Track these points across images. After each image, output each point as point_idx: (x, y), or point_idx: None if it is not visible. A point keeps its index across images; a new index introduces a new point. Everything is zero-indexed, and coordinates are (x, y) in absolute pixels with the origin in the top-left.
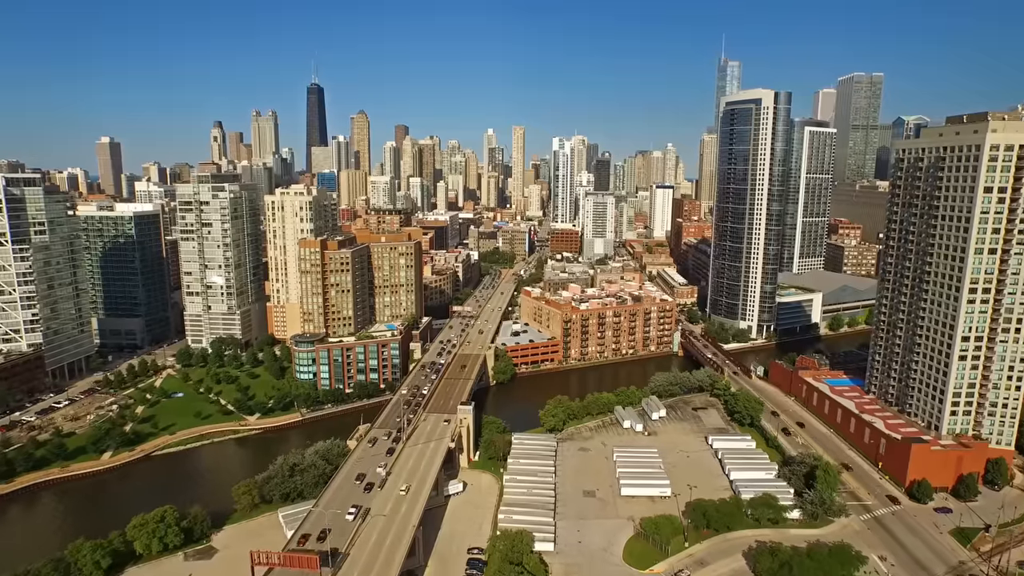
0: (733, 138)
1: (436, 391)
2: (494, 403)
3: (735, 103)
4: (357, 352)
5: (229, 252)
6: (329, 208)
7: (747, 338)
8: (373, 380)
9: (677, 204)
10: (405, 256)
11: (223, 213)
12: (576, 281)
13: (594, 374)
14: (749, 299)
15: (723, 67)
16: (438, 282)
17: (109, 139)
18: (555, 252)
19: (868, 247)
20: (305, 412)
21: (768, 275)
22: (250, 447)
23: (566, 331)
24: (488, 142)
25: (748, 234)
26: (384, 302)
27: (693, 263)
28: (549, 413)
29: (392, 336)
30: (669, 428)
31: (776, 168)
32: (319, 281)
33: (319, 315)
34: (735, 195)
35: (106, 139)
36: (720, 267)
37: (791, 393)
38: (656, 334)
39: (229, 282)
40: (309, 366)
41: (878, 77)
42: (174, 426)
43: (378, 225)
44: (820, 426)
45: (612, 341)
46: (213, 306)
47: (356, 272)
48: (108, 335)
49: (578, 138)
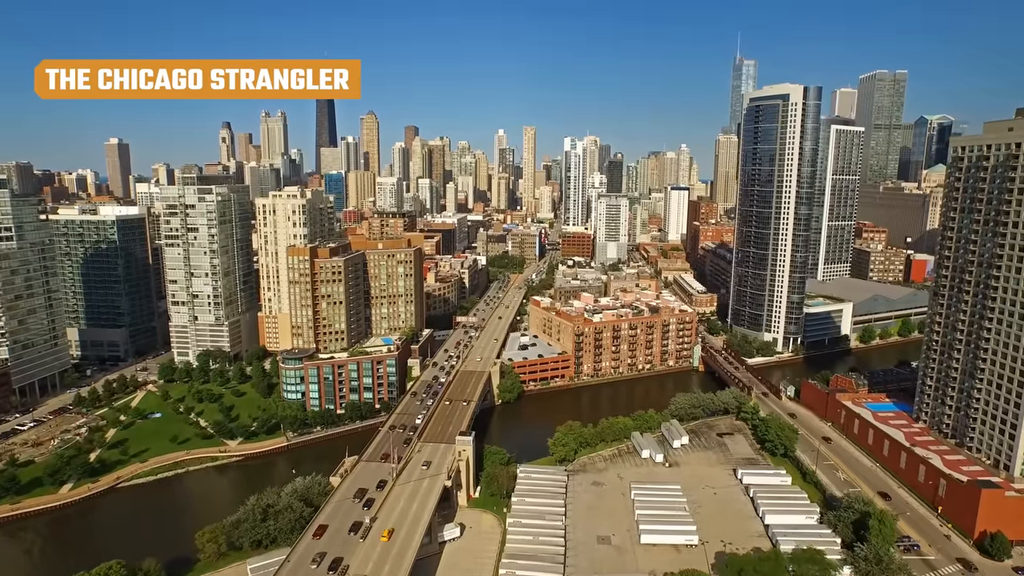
0: (758, 137)
1: (433, 416)
2: (499, 425)
3: (760, 99)
4: (350, 369)
5: (217, 259)
6: (325, 212)
7: (772, 352)
8: (367, 400)
9: (693, 206)
10: (404, 264)
11: (210, 217)
12: (588, 289)
13: (608, 392)
14: (774, 310)
15: (738, 66)
16: (442, 290)
17: (117, 140)
18: (566, 256)
19: (896, 252)
20: (291, 436)
21: (795, 284)
22: (229, 476)
23: (578, 345)
24: (499, 143)
25: (774, 240)
26: (381, 313)
27: (711, 269)
28: (559, 442)
29: (388, 352)
30: (692, 458)
31: (805, 169)
32: (308, 292)
33: (309, 329)
34: (760, 198)
35: (114, 140)
36: (743, 275)
37: (827, 418)
38: (675, 348)
39: (216, 291)
40: (297, 385)
41: (902, 75)
42: (147, 452)
43: (381, 228)
44: (863, 458)
45: (627, 356)
46: (200, 317)
47: (350, 282)
48: (89, 347)
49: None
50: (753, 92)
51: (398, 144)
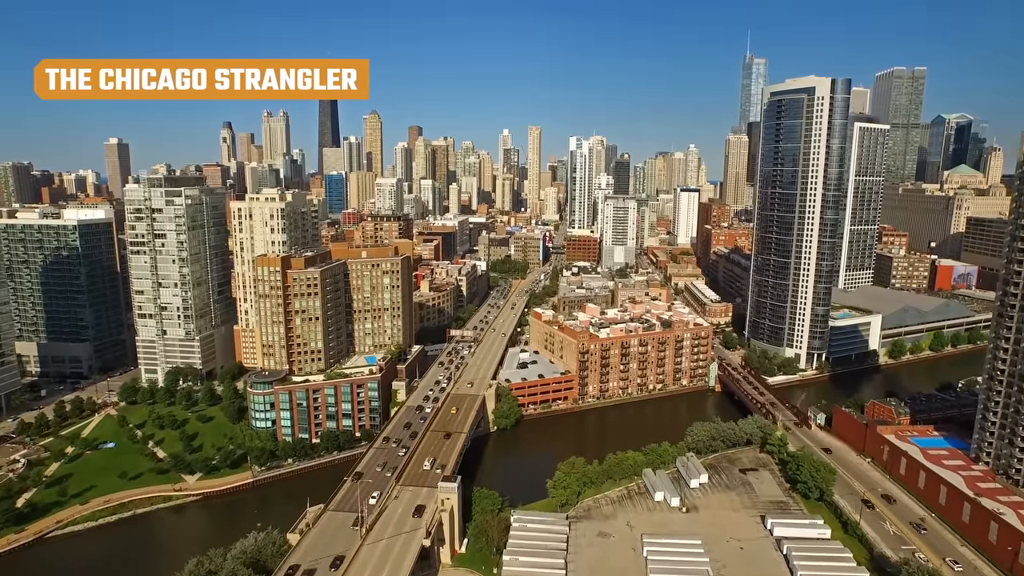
0: (780, 134)
1: (416, 452)
2: (492, 457)
3: (782, 93)
4: (326, 394)
5: (187, 268)
6: (308, 216)
7: (795, 369)
8: (347, 427)
9: (703, 208)
10: (390, 274)
11: (179, 222)
12: (594, 299)
13: (615, 415)
14: (798, 323)
15: (748, 64)
16: (436, 300)
17: (117, 140)
18: (571, 260)
19: (920, 258)
20: (258, 471)
21: (820, 295)
22: (181, 521)
23: (583, 364)
24: (503, 143)
25: (797, 247)
26: (365, 329)
27: (724, 275)
28: (559, 483)
29: (370, 374)
30: (712, 501)
31: (832, 169)
32: (280, 307)
33: (281, 348)
34: (781, 201)
35: (114, 140)
36: (762, 284)
37: (865, 452)
38: (689, 366)
39: (187, 303)
40: (267, 412)
41: (920, 72)
42: (91, 491)
43: (375, 232)
44: (913, 504)
45: (637, 375)
46: (169, 331)
47: (328, 295)
48: (50, 362)
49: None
50: (773, 86)
51: (400, 144)
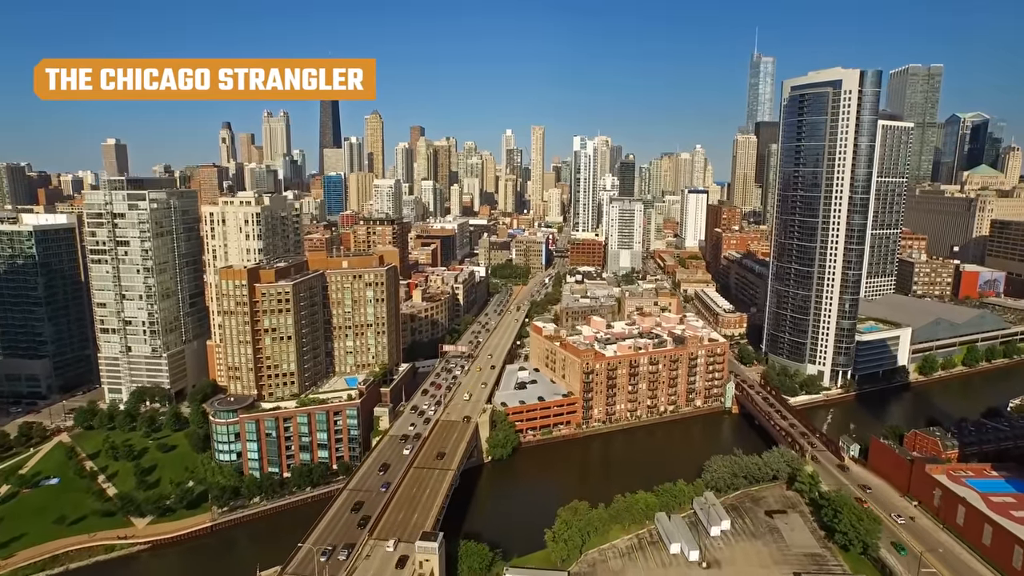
0: (802, 132)
1: (395, 496)
2: (484, 495)
3: (805, 87)
4: (299, 423)
5: (152, 278)
6: (289, 221)
7: (818, 388)
8: (322, 459)
9: (712, 211)
10: (373, 287)
11: (143, 228)
12: (599, 310)
13: (623, 442)
14: (821, 337)
15: (756, 63)
16: (430, 311)
17: (115, 140)
18: (575, 265)
19: (943, 263)
20: (218, 512)
21: (846, 307)
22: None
23: (587, 385)
24: (506, 143)
25: (820, 254)
26: (346, 347)
27: (737, 282)
28: (559, 534)
29: (349, 400)
30: (737, 553)
31: (860, 170)
32: (247, 325)
33: (248, 371)
34: (803, 204)
35: (111, 141)
36: (781, 294)
37: (911, 494)
38: (703, 385)
39: (153, 316)
40: (231, 444)
41: (936, 69)
42: (20, 540)
43: (368, 237)
44: (977, 563)
45: (647, 396)
46: (134, 347)
47: (303, 310)
48: (4, 381)
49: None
50: (794, 79)
51: (401, 144)
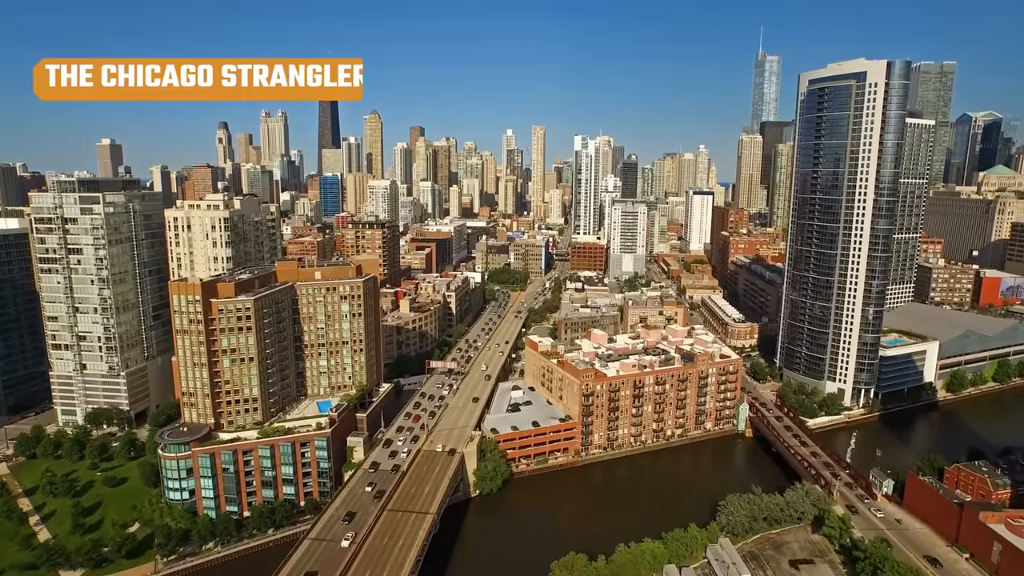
0: (821, 129)
1: (362, 550)
2: (470, 537)
3: (825, 81)
4: (261, 456)
5: (108, 290)
6: (264, 226)
7: (839, 408)
8: (288, 496)
9: (719, 213)
10: (350, 300)
11: (97, 235)
12: (601, 321)
13: (626, 472)
14: (842, 352)
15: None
16: (418, 322)
17: (110, 141)
18: (576, 269)
19: (962, 268)
20: (162, 562)
21: (870, 319)
22: None
23: (586, 408)
24: (507, 143)
25: (842, 262)
26: (319, 367)
27: (745, 288)
28: None
29: (318, 430)
30: None
31: (886, 171)
32: (202, 345)
33: (204, 397)
34: (823, 208)
35: (106, 141)
36: (797, 304)
37: (960, 544)
38: (714, 406)
39: (110, 331)
40: (183, 480)
41: (950, 66)
42: None
43: (356, 241)
44: None
45: (652, 419)
46: (89, 365)
47: (268, 328)
48: None
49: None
50: (812, 72)
51: (400, 144)
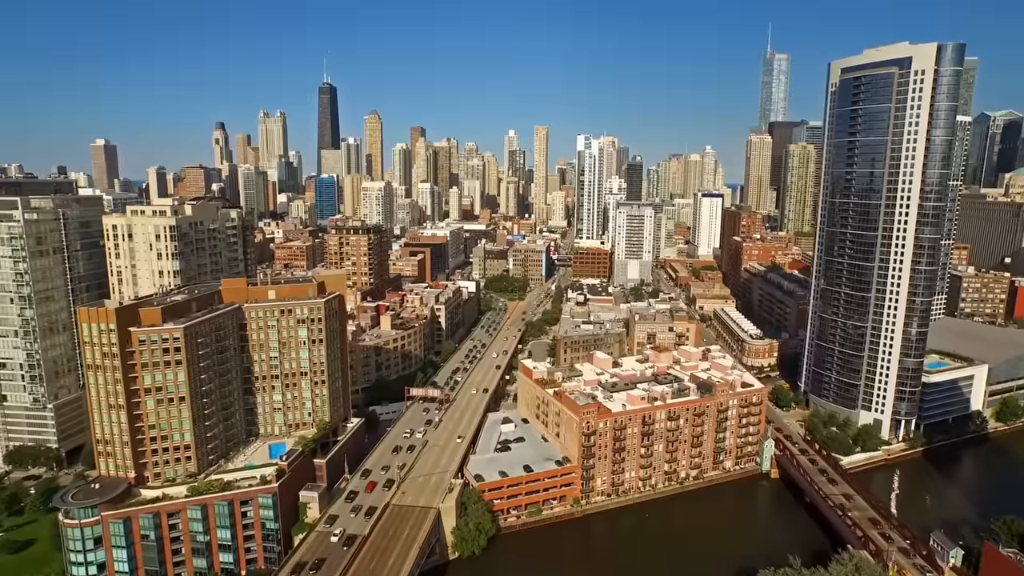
0: (856, 124)
1: None
2: None
3: (860, 68)
4: (190, 519)
5: (31, 310)
6: (223, 235)
7: (877, 442)
8: (227, 566)
9: (729, 216)
10: (308, 324)
11: (16, 246)
12: (604, 338)
13: (632, 527)
14: (879, 378)
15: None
16: (400, 342)
17: (104, 141)
18: (578, 276)
19: (995, 278)
20: None
21: (913, 341)
22: None
23: (587, 450)
24: (508, 144)
25: (880, 276)
26: (272, 403)
27: (761, 299)
28: None
29: (262, 484)
30: None
31: (933, 171)
32: (119, 383)
33: (123, 446)
34: (858, 213)
35: (100, 141)
36: (827, 323)
37: None
38: (735, 443)
39: (33, 358)
40: (90, 552)
41: (971, 62)
42: None
43: (340, 248)
44: None
45: (664, 459)
46: (10, 396)
47: (203, 360)
48: None
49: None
50: (845, 60)
51: (400, 145)
